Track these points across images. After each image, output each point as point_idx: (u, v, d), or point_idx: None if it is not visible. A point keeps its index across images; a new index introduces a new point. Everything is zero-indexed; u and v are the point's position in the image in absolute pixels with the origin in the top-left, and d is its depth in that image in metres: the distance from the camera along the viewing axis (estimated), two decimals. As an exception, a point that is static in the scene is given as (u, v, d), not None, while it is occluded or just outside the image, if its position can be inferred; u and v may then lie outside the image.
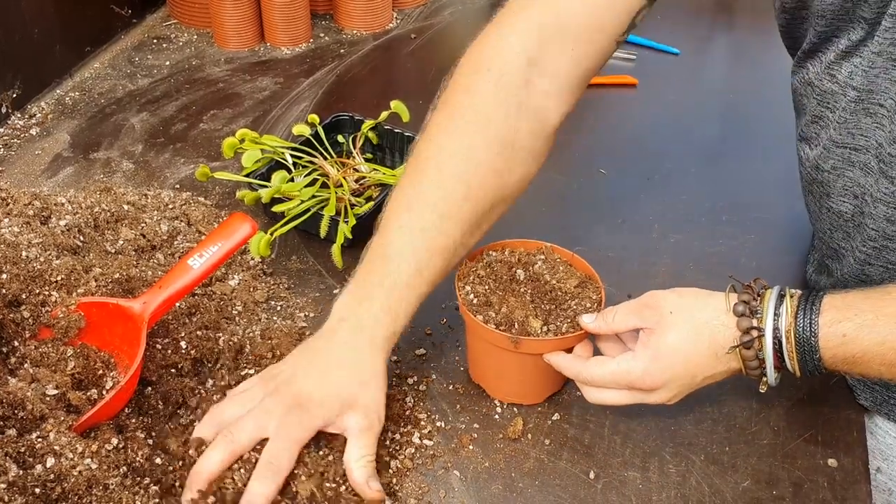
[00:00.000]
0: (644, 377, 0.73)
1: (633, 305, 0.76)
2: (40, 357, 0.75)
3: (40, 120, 1.26)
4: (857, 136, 0.77)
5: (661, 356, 0.72)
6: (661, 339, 0.72)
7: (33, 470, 0.64)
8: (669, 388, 0.73)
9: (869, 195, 0.77)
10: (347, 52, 1.52)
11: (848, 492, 0.76)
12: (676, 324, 0.72)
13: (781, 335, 0.69)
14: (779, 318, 0.69)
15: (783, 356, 0.70)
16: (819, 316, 0.68)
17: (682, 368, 0.72)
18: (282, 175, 1.01)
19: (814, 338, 0.68)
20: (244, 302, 0.90)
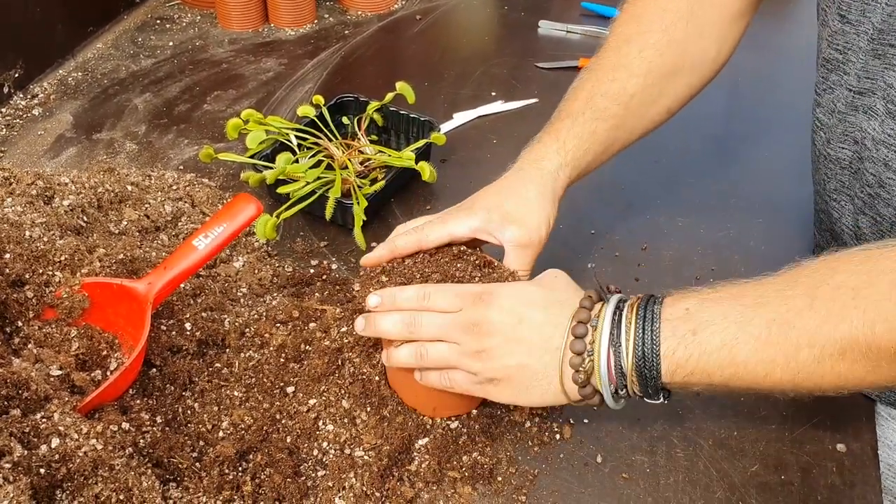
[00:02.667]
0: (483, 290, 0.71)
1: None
2: (44, 337, 0.74)
3: (43, 100, 1.26)
4: (863, 79, 0.76)
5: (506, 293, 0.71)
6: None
7: (38, 450, 0.64)
8: (501, 314, 0.69)
9: (870, 139, 0.76)
10: (352, 33, 1.51)
11: (857, 476, 0.75)
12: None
13: (624, 369, 0.65)
14: (619, 350, 0.65)
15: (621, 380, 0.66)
16: (661, 343, 0.64)
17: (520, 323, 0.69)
18: (286, 157, 1.01)
19: (657, 371, 0.64)
20: (249, 283, 0.89)
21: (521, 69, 1.42)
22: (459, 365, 0.70)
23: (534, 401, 0.70)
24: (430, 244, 0.77)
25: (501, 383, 0.70)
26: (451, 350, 0.71)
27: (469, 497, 0.72)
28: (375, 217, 1.03)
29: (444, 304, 0.71)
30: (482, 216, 0.78)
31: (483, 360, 0.69)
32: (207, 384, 0.78)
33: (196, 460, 0.71)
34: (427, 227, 0.78)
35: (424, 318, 0.71)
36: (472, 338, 0.70)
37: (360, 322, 0.74)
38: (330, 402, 0.76)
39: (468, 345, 0.70)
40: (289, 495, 0.69)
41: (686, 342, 0.63)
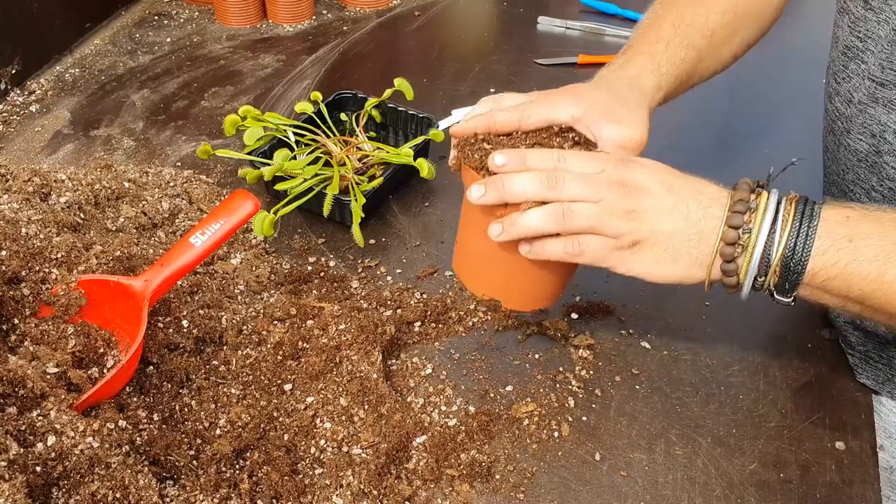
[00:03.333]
0: (623, 155, 0.70)
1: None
2: (40, 335, 0.74)
3: (40, 96, 1.25)
4: (886, 69, 0.75)
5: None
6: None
7: (34, 448, 0.63)
8: (650, 176, 0.68)
9: (891, 133, 0.75)
10: (350, 29, 1.51)
11: (855, 474, 0.75)
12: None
13: (771, 258, 0.65)
14: (772, 238, 0.64)
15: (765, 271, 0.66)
16: (815, 241, 0.63)
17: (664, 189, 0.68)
18: (284, 153, 1.00)
19: (803, 266, 0.64)
20: (247, 281, 0.89)
21: (520, 65, 1.41)
22: (604, 226, 0.66)
23: (673, 273, 0.68)
24: (530, 125, 0.73)
25: (644, 249, 0.67)
26: (598, 209, 0.66)
27: (467, 495, 0.72)
28: (374, 214, 1.03)
29: (582, 165, 0.68)
30: (586, 106, 0.74)
31: (634, 219, 0.66)
32: (204, 382, 0.77)
33: (193, 458, 0.70)
34: (529, 107, 0.74)
35: (566, 175, 0.66)
36: (622, 196, 0.66)
37: (479, 188, 0.68)
38: (328, 400, 0.76)
39: (617, 203, 0.66)
40: (286, 493, 0.69)
41: (839, 245, 0.63)
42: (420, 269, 0.95)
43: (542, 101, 0.75)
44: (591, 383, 0.82)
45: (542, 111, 0.74)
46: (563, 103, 0.74)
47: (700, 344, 0.87)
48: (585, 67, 1.40)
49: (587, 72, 1.38)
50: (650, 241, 0.66)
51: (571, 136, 0.74)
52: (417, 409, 0.79)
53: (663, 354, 0.86)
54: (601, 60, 1.41)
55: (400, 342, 0.85)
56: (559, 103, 0.74)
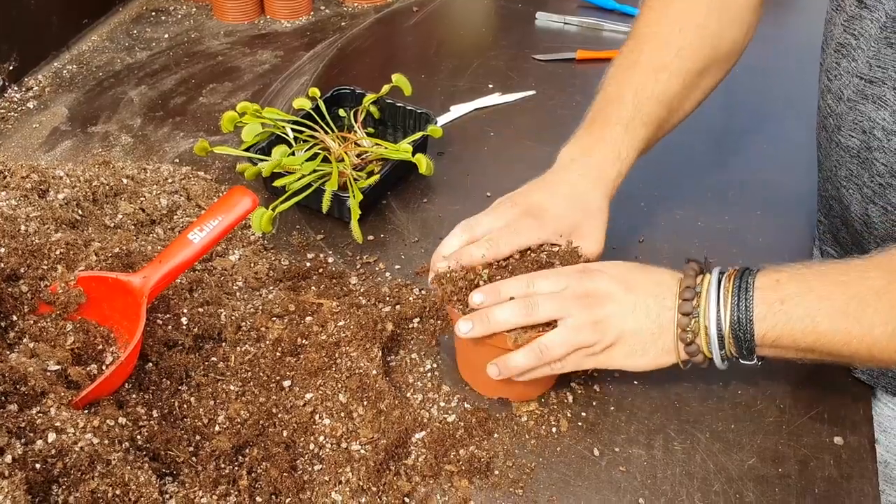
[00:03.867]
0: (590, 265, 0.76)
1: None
2: (39, 332, 0.74)
3: (37, 93, 1.25)
4: (874, 67, 0.76)
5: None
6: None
7: (34, 445, 0.63)
8: (610, 281, 0.74)
9: (880, 129, 0.76)
10: (348, 25, 1.51)
11: (854, 469, 0.75)
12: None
13: (723, 332, 0.71)
14: (719, 315, 0.71)
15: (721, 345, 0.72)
16: (754, 310, 0.70)
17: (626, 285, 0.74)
18: (282, 149, 1.00)
19: (751, 334, 0.70)
20: (245, 277, 0.89)
21: (519, 61, 1.41)
22: (579, 343, 0.72)
23: (647, 362, 0.74)
24: (503, 256, 0.79)
25: (616, 349, 0.73)
26: (568, 331, 0.72)
27: (466, 491, 0.72)
28: (372, 210, 1.03)
29: (549, 286, 0.74)
30: (552, 229, 0.80)
31: (600, 329, 0.72)
32: (203, 378, 0.77)
33: (192, 454, 0.70)
34: (501, 240, 0.78)
35: (539, 299, 0.73)
36: (587, 310, 0.72)
37: (466, 324, 0.74)
38: (327, 396, 0.76)
39: (584, 317, 0.72)
40: (285, 489, 0.69)
41: (774, 310, 0.69)
42: (419, 265, 0.94)
43: (510, 230, 0.79)
44: (590, 379, 0.83)
45: (514, 241, 0.79)
46: (531, 228, 0.79)
47: (698, 339, 0.87)
48: (584, 63, 1.40)
49: (585, 67, 1.39)
50: (619, 342, 0.73)
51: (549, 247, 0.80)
52: (416, 405, 0.79)
53: (662, 350, 0.86)
54: (599, 56, 1.41)
55: (399, 338, 0.85)
56: (525, 231, 0.79)
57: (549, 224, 0.80)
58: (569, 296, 0.73)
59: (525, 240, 0.79)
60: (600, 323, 0.72)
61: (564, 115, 1.24)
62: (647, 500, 0.72)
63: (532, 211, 0.81)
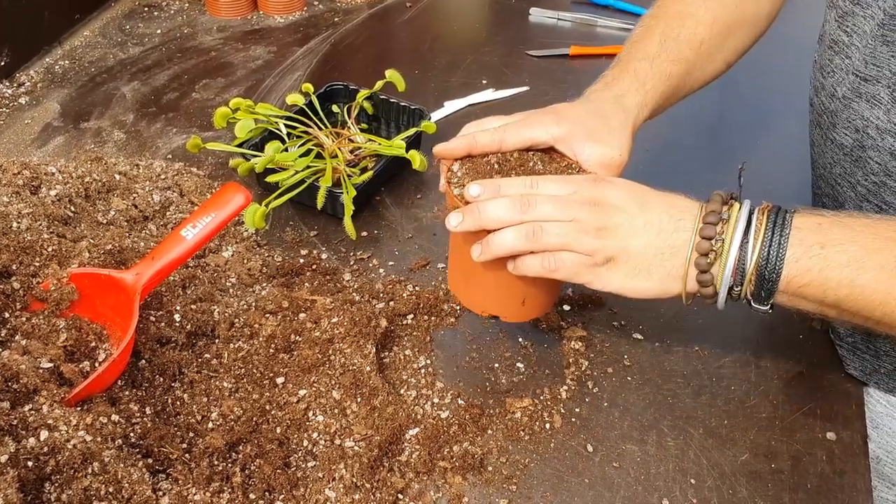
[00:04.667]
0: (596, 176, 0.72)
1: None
2: (31, 329, 0.74)
3: (29, 88, 1.24)
4: (869, 65, 0.75)
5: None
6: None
7: (26, 443, 0.63)
8: (622, 194, 0.69)
9: (874, 128, 0.76)
10: (342, 20, 1.50)
11: (847, 465, 0.76)
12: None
13: (746, 268, 0.66)
14: (745, 247, 0.65)
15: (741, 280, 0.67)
16: (787, 249, 0.64)
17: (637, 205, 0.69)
18: (276, 145, 1.00)
19: (777, 274, 0.65)
20: (238, 274, 0.89)
21: (512, 57, 1.41)
22: (575, 243, 0.67)
23: (649, 287, 0.69)
24: (510, 146, 0.75)
25: (618, 264, 0.68)
26: (569, 227, 0.67)
27: (459, 487, 0.72)
28: (366, 206, 1.03)
29: (554, 188, 0.69)
30: (567, 127, 0.76)
31: (605, 237, 0.67)
32: (197, 375, 0.77)
33: (185, 451, 0.70)
34: (509, 128, 0.75)
35: (538, 199, 0.68)
36: (593, 214, 0.68)
37: (456, 216, 0.69)
38: (320, 393, 0.76)
39: (588, 221, 0.67)
40: (279, 486, 0.69)
41: (812, 253, 0.64)
42: (412, 262, 0.95)
43: (523, 122, 0.76)
44: (584, 375, 0.83)
45: (523, 132, 0.75)
46: (545, 123, 0.76)
47: (692, 335, 0.87)
48: (577, 59, 1.40)
49: (579, 63, 1.39)
50: (623, 257, 0.68)
51: (555, 158, 0.76)
52: (410, 402, 0.79)
53: (655, 346, 0.86)
54: (593, 52, 1.41)
55: (392, 335, 0.85)
56: (540, 123, 0.76)
57: (565, 121, 0.76)
58: (575, 199, 0.68)
59: (536, 133, 0.75)
60: (604, 230, 0.67)
61: (558, 111, 1.24)
62: (641, 496, 0.72)
63: (545, 109, 0.78)
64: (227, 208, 0.81)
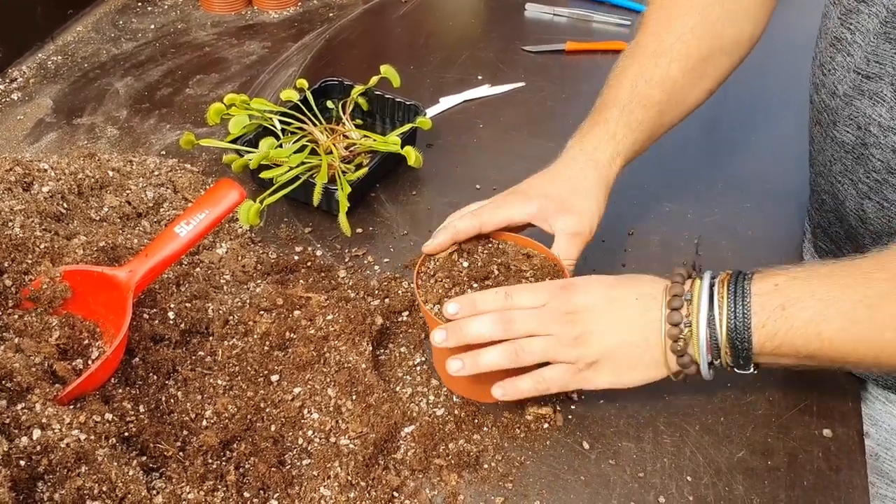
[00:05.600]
0: (567, 279, 0.74)
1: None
2: (24, 327, 0.73)
3: (22, 84, 1.24)
4: (872, 62, 0.75)
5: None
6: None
7: (19, 442, 0.63)
8: (590, 296, 0.71)
9: (876, 125, 0.75)
10: (337, 15, 1.50)
11: (843, 461, 0.75)
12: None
13: (718, 342, 0.68)
14: (713, 324, 0.68)
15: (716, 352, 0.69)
16: (752, 317, 0.66)
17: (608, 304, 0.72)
18: (270, 141, 0.99)
19: (749, 342, 0.67)
20: (232, 271, 0.88)
21: (508, 52, 1.40)
22: (557, 356, 0.70)
23: (635, 378, 0.72)
24: (488, 228, 0.80)
25: (601, 366, 0.71)
26: (549, 343, 0.70)
27: (455, 485, 0.72)
28: (360, 203, 1.02)
29: (528, 300, 0.72)
30: (539, 203, 0.80)
31: (583, 345, 0.70)
32: (191, 373, 0.77)
33: (180, 450, 0.70)
34: (485, 211, 0.80)
35: (516, 315, 0.71)
36: (567, 326, 0.70)
37: (440, 334, 0.72)
38: (315, 391, 0.76)
39: (564, 333, 0.70)
40: (273, 484, 0.69)
41: (775, 316, 0.65)
42: (408, 258, 0.94)
43: (499, 204, 0.80)
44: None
45: (499, 213, 0.80)
46: (517, 204, 0.80)
47: (688, 332, 0.87)
48: (573, 54, 1.40)
49: (575, 59, 1.38)
50: (604, 359, 0.71)
51: (513, 251, 0.80)
52: (405, 399, 0.78)
53: (651, 343, 0.86)
54: (589, 47, 1.40)
55: (388, 332, 0.85)
56: (513, 205, 0.80)
57: (535, 198, 0.80)
58: (549, 312, 0.71)
59: (511, 213, 0.79)
60: (581, 339, 0.70)
61: (554, 107, 1.24)
62: (638, 493, 0.72)
63: (517, 189, 0.82)
64: (221, 205, 0.81)
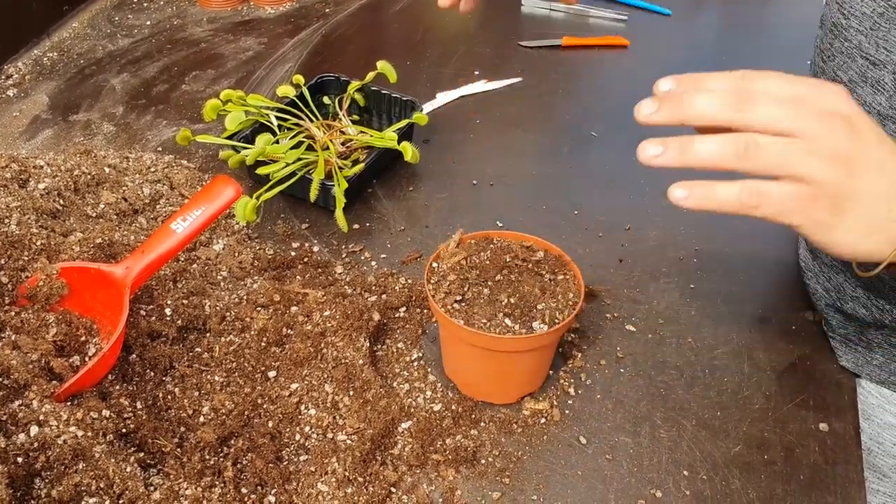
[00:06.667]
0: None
1: None
2: (21, 324, 0.73)
3: (17, 81, 1.23)
4: (880, 48, 0.72)
5: None
6: None
7: (16, 438, 0.63)
8: (864, 116, 0.54)
9: (875, 114, 0.74)
10: (333, 11, 1.49)
11: (839, 456, 0.76)
12: None
13: None
14: None
15: None
16: None
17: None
18: (266, 137, 0.99)
19: None
20: (229, 267, 0.88)
21: (505, 48, 1.40)
22: (799, 165, 0.52)
23: (868, 246, 0.55)
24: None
25: (846, 211, 0.53)
26: (797, 146, 0.52)
27: (452, 480, 0.72)
28: (357, 198, 1.02)
29: (777, 87, 0.54)
30: None
31: (845, 166, 0.53)
32: (188, 369, 0.77)
33: (177, 446, 0.70)
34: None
35: (758, 95, 0.53)
36: (830, 131, 0.53)
37: (650, 104, 0.55)
38: (312, 387, 0.76)
39: (827, 140, 0.52)
40: (271, 480, 0.69)
41: None
42: (405, 254, 0.94)
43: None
44: (576, 367, 0.82)
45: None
46: None
47: (684, 327, 0.87)
48: (570, 50, 1.40)
49: (571, 54, 1.38)
50: (853, 202, 0.53)
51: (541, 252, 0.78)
52: (403, 395, 0.78)
53: (648, 338, 0.86)
54: (585, 43, 1.40)
55: (385, 328, 0.85)
56: None
57: None
58: (806, 105, 0.53)
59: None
60: (844, 159, 0.52)
61: (550, 102, 1.24)
62: (634, 488, 0.72)
63: None
64: (217, 201, 0.81)
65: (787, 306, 0.91)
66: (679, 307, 0.89)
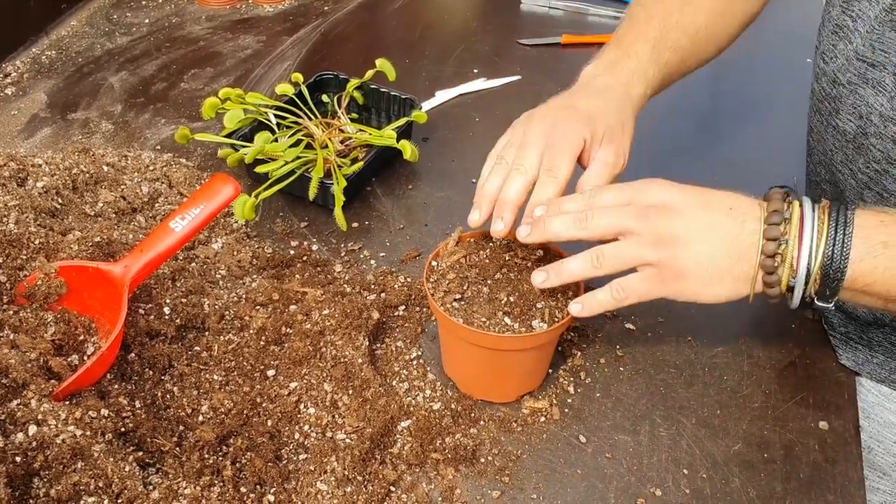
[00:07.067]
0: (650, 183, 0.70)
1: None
2: (19, 323, 0.73)
3: (15, 79, 1.23)
4: (878, 50, 0.74)
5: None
6: None
7: (14, 438, 0.63)
8: (681, 197, 0.68)
9: (877, 115, 0.75)
10: (332, 9, 1.49)
11: (839, 454, 0.76)
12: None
13: (811, 268, 0.64)
14: (810, 247, 0.64)
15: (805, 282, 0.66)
16: (851, 248, 0.63)
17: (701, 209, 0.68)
18: (265, 136, 0.99)
19: (842, 273, 0.63)
20: (228, 265, 0.88)
21: (504, 46, 1.40)
22: (638, 257, 0.67)
23: (720, 293, 0.67)
24: (563, 174, 0.75)
25: (687, 275, 0.66)
26: (629, 244, 0.67)
27: (452, 478, 0.72)
28: (356, 197, 1.02)
29: (611, 198, 0.69)
30: (589, 127, 0.76)
31: (668, 247, 0.66)
32: (187, 368, 0.77)
33: (176, 445, 0.70)
34: (554, 155, 0.75)
35: (595, 211, 0.68)
36: (652, 222, 0.66)
37: (524, 229, 0.71)
38: (311, 385, 0.76)
39: (649, 231, 0.66)
40: (270, 479, 0.69)
41: (876, 252, 0.63)
42: (404, 253, 0.94)
43: (568, 142, 0.76)
44: (576, 366, 0.82)
45: (565, 152, 0.75)
46: (580, 130, 0.76)
47: (684, 325, 0.87)
48: (569, 48, 1.40)
49: (571, 52, 1.38)
50: (690, 268, 0.66)
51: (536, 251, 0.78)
52: (402, 394, 0.78)
53: (648, 336, 0.86)
54: (585, 41, 1.40)
55: (384, 326, 0.85)
56: (569, 128, 0.76)
57: (586, 125, 0.76)
58: (633, 208, 0.67)
59: (571, 140, 0.75)
60: (666, 240, 0.66)
61: (550, 101, 1.24)
62: (634, 486, 0.72)
63: (577, 110, 0.78)
64: (216, 200, 0.81)
65: (785, 304, 0.90)
66: (678, 306, 0.88)
